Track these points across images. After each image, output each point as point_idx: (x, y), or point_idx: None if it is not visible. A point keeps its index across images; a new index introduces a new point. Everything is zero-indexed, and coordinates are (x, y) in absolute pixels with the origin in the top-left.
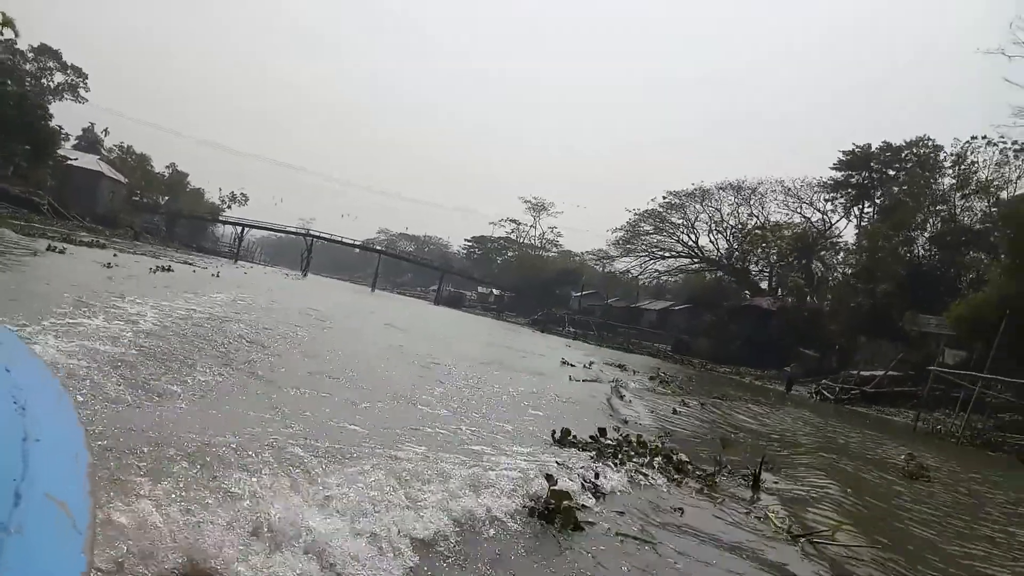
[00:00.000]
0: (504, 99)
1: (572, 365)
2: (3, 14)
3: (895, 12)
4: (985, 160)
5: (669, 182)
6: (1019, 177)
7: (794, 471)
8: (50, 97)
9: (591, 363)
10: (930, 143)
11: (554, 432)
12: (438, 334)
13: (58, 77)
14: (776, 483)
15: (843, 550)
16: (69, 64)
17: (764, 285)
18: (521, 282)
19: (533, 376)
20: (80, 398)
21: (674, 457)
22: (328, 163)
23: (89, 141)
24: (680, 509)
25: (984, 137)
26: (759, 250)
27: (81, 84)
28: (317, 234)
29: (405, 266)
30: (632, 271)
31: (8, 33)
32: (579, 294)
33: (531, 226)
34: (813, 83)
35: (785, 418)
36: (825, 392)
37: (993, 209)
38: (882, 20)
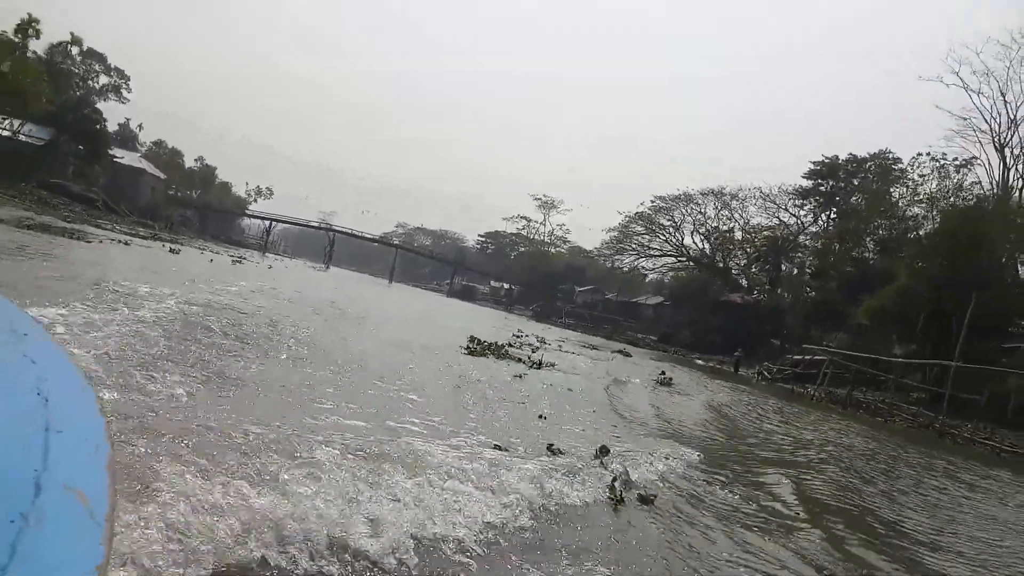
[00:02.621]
0: (527, 98)
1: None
2: (72, 34)
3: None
4: (931, 173)
5: (693, 180)
6: (959, 189)
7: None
8: (95, 97)
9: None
10: (890, 156)
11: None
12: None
13: (103, 79)
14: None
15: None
16: (113, 67)
17: (745, 282)
18: (529, 277)
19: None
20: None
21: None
22: (351, 160)
23: (125, 137)
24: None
25: (928, 154)
26: (733, 250)
27: (124, 85)
28: (339, 229)
29: (422, 260)
30: (624, 268)
31: (74, 50)
32: (582, 289)
33: (541, 223)
34: (837, 82)
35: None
36: (765, 372)
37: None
38: (909, 16)
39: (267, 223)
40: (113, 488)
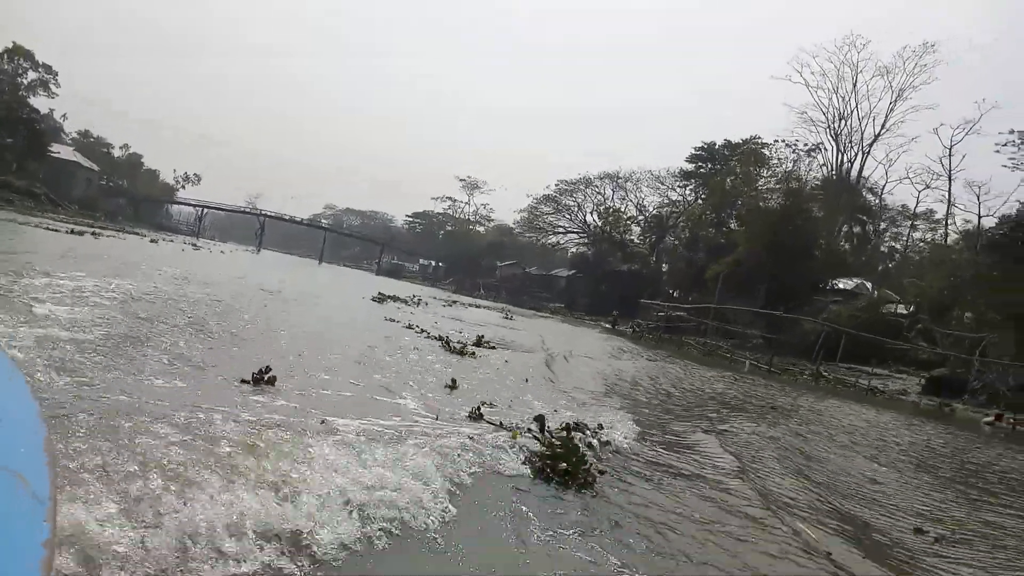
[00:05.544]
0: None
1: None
2: (14, 42)
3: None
4: (786, 157)
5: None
6: (809, 172)
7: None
8: (23, 94)
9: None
10: (759, 141)
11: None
12: None
13: (31, 75)
14: None
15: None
16: (41, 63)
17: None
18: (455, 254)
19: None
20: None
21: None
22: (277, 143)
23: (51, 128)
24: None
25: (783, 140)
26: (626, 226)
27: (52, 81)
28: (269, 213)
29: (352, 240)
30: (546, 243)
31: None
32: (503, 264)
33: (466, 203)
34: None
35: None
36: (635, 327)
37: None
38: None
39: (200, 210)
40: (53, 468)
